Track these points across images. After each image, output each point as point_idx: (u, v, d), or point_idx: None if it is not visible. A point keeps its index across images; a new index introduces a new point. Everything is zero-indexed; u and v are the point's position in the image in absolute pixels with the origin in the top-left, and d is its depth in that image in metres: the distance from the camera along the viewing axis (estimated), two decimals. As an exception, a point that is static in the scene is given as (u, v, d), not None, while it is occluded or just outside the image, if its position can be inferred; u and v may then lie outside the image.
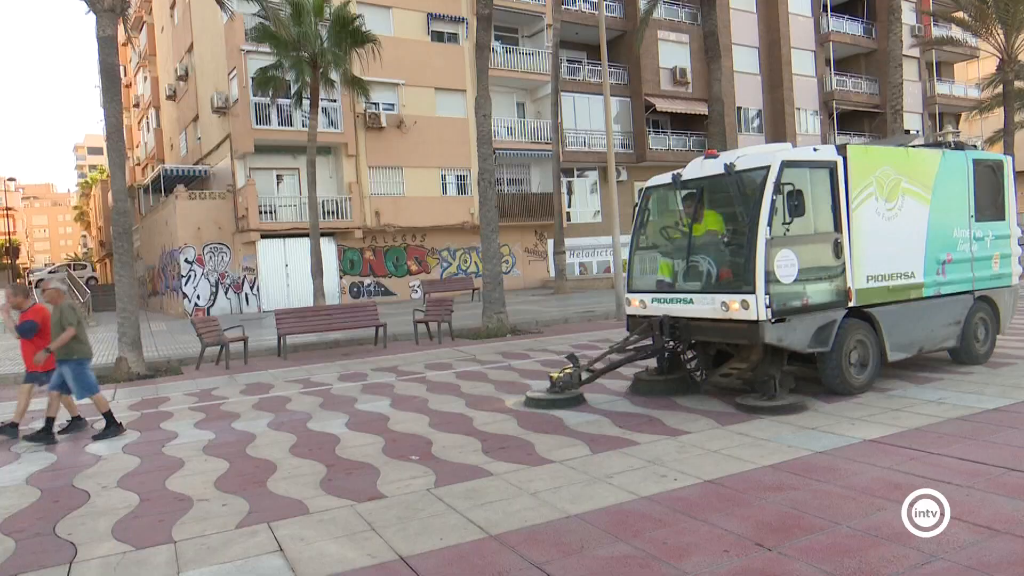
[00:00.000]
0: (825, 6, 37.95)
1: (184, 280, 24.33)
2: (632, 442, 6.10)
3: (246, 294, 25.03)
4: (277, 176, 25.88)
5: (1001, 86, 25.33)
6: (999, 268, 8.80)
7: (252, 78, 21.84)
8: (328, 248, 25.25)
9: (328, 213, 25.22)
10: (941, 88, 41.91)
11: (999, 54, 24.61)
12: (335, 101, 25.11)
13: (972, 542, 3.77)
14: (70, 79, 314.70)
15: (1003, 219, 8.83)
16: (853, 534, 3.96)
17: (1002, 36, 24.09)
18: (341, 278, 26.33)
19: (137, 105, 44.66)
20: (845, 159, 7.14)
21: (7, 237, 59.00)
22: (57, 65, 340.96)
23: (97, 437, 7.49)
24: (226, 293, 24.82)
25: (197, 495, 5.34)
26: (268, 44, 19.10)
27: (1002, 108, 25.50)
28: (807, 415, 6.65)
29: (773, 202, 6.56)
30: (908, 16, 36.77)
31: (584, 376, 7.86)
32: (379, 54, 19.55)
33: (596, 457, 5.71)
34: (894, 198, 7.57)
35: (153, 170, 32.84)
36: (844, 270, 7.14)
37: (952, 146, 8.59)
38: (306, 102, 19.81)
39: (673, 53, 33.39)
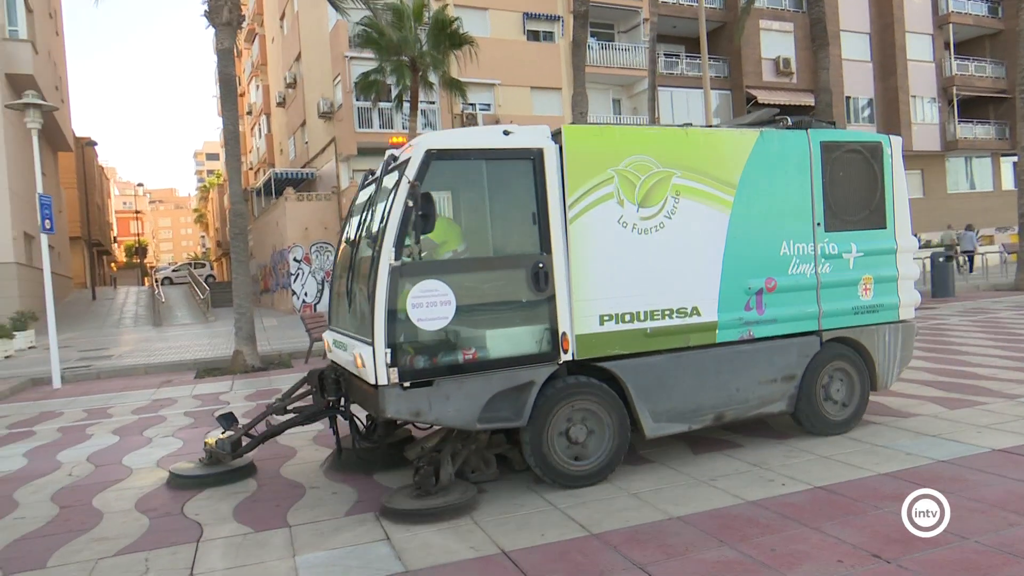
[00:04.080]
0: (945, -14, 35.61)
1: (293, 278, 25.55)
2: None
3: (349, 291, 25.97)
4: (378, 177, 26.72)
5: None
6: (871, 297, 6.14)
7: (355, 83, 22.67)
8: (426, 247, 25.87)
9: (427, 212, 25.80)
10: (1080, 69, 38.40)
11: None
12: (433, 103, 25.71)
13: (1122, 565, 3.44)
14: (190, 91, 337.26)
15: (883, 227, 6.20)
16: (983, 550, 3.70)
17: None
18: (439, 276, 26.87)
19: (250, 112, 47.29)
20: (561, 147, 5.02)
21: (136, 238, 63.78)
22: (178, 78, 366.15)
23: None
24: (331, 290, 25.85)
25: (309, 483, 5.61)
26: (370, 49, 19.79)
27: None
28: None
29: (408, 210, 4.56)
30: (1041, -8, 33.87)
31: (245, 443, 5.90)
32: (476, 55, 19.88)
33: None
34: (656, 201, 5.26)
35: (264, 174, 34.67)
36: (554, 308, 4.94)
37: (788, 124, 6.03)
38: (406, 105, 20.39)
39: (776, 43, 32.21)
